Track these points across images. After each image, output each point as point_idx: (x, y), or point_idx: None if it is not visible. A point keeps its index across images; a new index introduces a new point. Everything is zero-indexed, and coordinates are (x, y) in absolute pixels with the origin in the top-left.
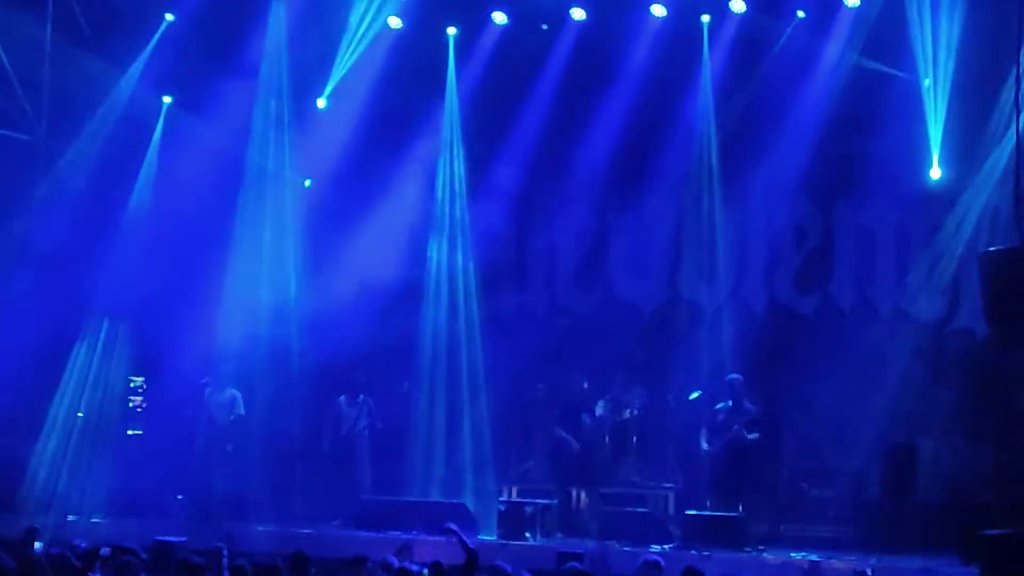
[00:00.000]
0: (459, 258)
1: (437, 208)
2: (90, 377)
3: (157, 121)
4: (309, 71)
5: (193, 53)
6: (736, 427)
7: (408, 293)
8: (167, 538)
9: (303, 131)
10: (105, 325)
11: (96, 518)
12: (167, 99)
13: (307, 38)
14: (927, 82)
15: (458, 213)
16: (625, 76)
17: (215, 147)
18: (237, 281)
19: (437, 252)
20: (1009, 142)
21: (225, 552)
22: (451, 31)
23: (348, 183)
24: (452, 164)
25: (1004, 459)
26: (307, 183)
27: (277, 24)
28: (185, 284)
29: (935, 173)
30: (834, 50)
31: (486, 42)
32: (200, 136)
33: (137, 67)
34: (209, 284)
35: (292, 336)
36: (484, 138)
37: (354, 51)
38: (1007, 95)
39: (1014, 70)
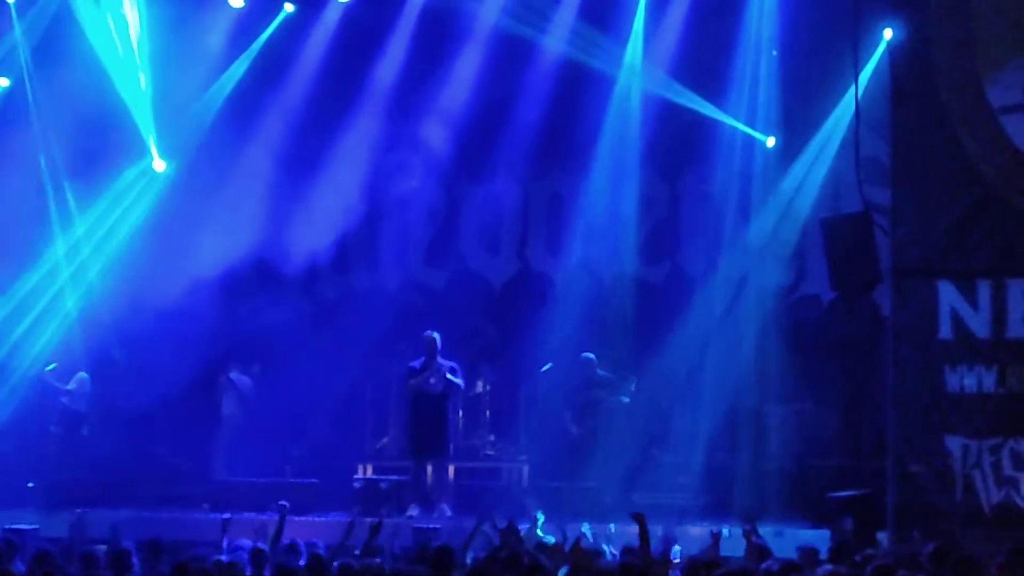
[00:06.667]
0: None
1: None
2: None
3: None
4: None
5: None
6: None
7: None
8: (19, 526)
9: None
10: None
11: None
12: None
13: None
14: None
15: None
16: (468, 50)
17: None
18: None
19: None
20: (847, 109)
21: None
22: (288, 8)
23: (202, 166)
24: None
25: (850, 423)
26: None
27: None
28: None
29: (770, 142)
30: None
31: (329, 18)
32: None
33: None
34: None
35: (145, 319)
36: (333, 114)
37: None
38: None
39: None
